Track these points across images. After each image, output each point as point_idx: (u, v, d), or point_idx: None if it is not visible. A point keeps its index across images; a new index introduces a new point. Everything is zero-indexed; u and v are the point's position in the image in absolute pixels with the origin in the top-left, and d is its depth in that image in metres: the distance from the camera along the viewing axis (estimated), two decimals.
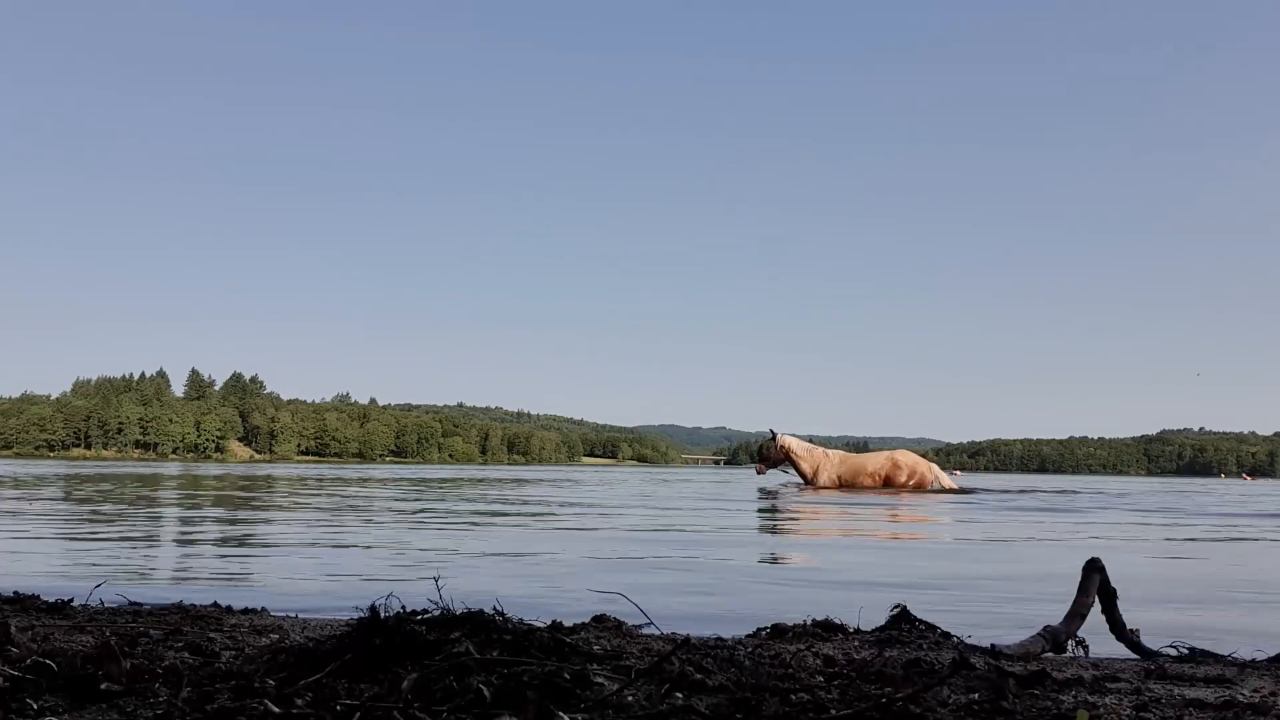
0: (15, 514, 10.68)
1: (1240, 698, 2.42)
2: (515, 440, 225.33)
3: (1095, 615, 3.36)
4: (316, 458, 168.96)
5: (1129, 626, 3.40)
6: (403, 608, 2.42)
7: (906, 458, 23.58)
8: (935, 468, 23.62)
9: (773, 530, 10.46)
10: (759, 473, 26.26)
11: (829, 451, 24.60)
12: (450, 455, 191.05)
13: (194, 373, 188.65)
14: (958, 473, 45.34)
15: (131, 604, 3.75)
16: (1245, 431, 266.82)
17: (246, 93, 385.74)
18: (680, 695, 2.07)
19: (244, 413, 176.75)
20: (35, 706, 1.95)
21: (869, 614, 3.63)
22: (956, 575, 6.09)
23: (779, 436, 24.69)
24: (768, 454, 24.98)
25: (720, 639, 3.13)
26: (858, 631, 3.40)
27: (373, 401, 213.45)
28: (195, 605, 3.78)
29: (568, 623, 3.16)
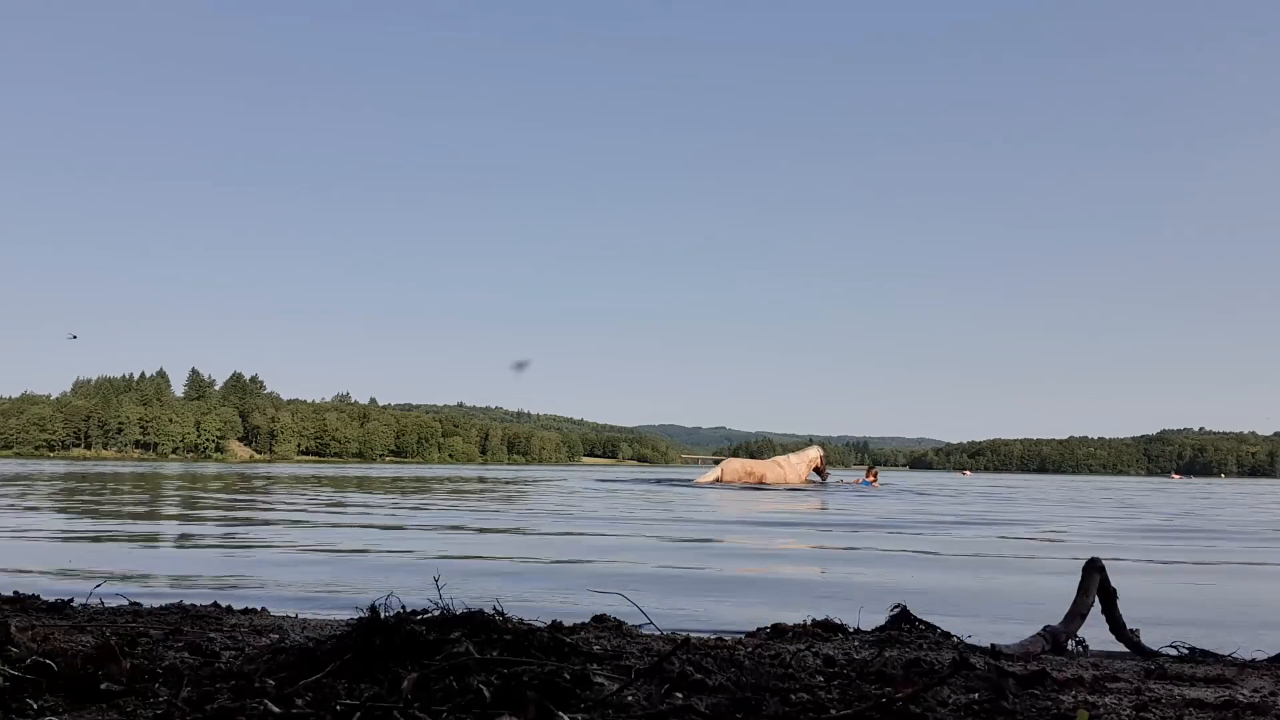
0: (15, 514, 10.68)
1: (1240, 698, 2.42)
2: (515, 440, 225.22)
3: (1095, 615, 3.37)
4: (317, 458, 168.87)
5: (1129, 626, 3.40)
6: (403, 608, 2.42)
7: (728, 465, 29.12)
8: (744, 465, 28.93)
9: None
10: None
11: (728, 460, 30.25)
12: (450, 455, 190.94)
13: (194, 373, 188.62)
14: (967, 473, 46.95)
15: (131, 604, 3.75)
16: (1245, 431, 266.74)
17: (247, 92, 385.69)
18: (680, 695, 2.07)
19: (244, 413, 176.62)
20: (35, 706, 1.95)
21: (869, 614, 3.63)
22: (954, 575, 6.10)
23: None
24: None
25: (720, 639, 3.13)
26: (858, 631, 3.40)
27: (373, 401, 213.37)
28: (195, 605, 3.79)
29: (568, 623, 3.16)
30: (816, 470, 30.16)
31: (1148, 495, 27.74)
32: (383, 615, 2.25)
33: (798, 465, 29.32)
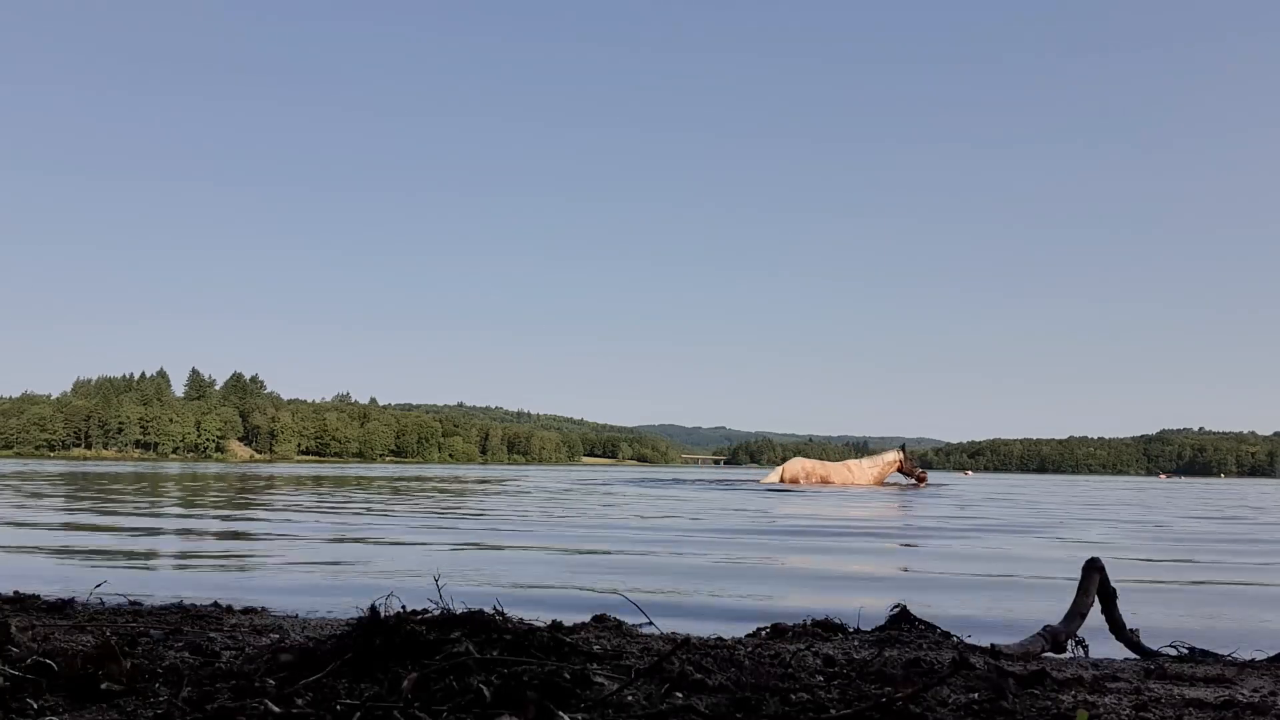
0: (16, 514, 10.68)
1: (1240, 697, 2.43)
2: (515, 440, 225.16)
3: (1095, 615, 3.37)
4: (317, 458, 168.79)
5: (1129, 626, 3.41)
6: (403, 607, 2.42)
7: (789, 466, 30.17)
8: (803, 466, 29.86)
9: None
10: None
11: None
12: (450, 455, 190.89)
13: (194, 372, 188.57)
14: (969, 473, 47.27)
15: (132, 603, 3.75)
16: (1245, 431, 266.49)
17: (247, 92, 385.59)
18: (680, 695, 2.07)
19: (244, 412, 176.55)
20: (35, 706, 1.96)
21: (869, 614, 3.63)
22: (955, 574, 6.10)
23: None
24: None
25: (720, 639, 3.13)
26: (857, 631, 3.40)
27: (373, 401, 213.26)
28: (195, 605, 3.79)
29: (568, 622, 3.17)
30: (902, 473, 29.58)
31: (1158, 497, 27.74)
32: (383, 615, 2.26)
33: (869, 470, 29.40)
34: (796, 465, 29.78)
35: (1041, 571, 6.36)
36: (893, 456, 29.88)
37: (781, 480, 28.69)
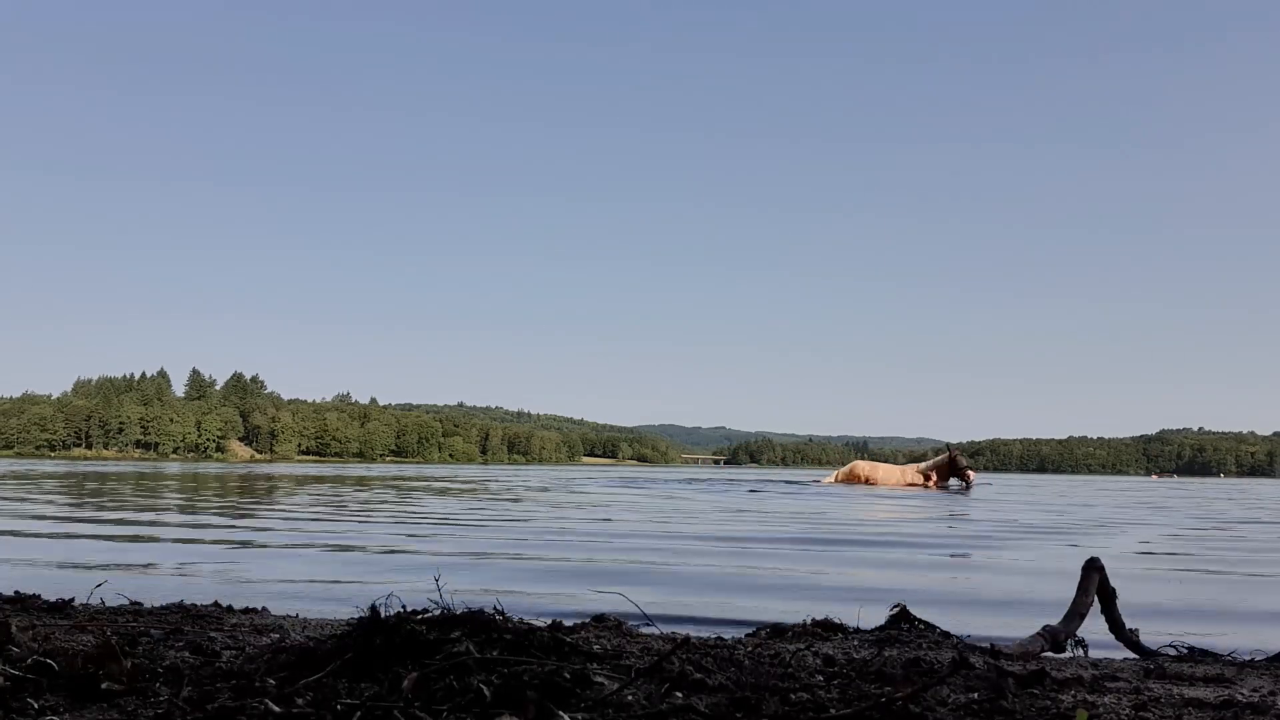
0: (16, 514, 10.68)
1: (1239, 697, 2.43)
2: (515, 440, 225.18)
3: (1095, 614, 3.37)
4: (317, 457, 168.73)
5: (1128, 626, 3.41)
6: (403, 607, 2.42)
7: (841, 471, 31.86)
8: (863, 467, 31.47)
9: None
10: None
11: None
12: (450, 455, 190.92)
13: (195, 372, 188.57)
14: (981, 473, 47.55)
15: (132, 603, 3.75)
16: (1244, 431, 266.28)
17: (246, 92, 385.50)
18: (680, 694, 2.08)
19: (245, 412, 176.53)
20: (36, 706, 1.96)
21: (869, 614, 3.63)
22: (955, 574, 6.10)
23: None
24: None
25: (720, 639, 3.13)
26: (857, 631, 3.40)
27: (373, 401, 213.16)
28: (196, 605, 3.79)
29: (568, 623, 3.17)
30: (953, 476, 29.54)
31: (1178, 499, 27.73)
32: (383, 615, 2.26)
33: (915, 476, 30.26)
34: (847, 468, 31.63)
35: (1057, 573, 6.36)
36: (939, 460, 30.28)
37: (835, 481, 30.05)
